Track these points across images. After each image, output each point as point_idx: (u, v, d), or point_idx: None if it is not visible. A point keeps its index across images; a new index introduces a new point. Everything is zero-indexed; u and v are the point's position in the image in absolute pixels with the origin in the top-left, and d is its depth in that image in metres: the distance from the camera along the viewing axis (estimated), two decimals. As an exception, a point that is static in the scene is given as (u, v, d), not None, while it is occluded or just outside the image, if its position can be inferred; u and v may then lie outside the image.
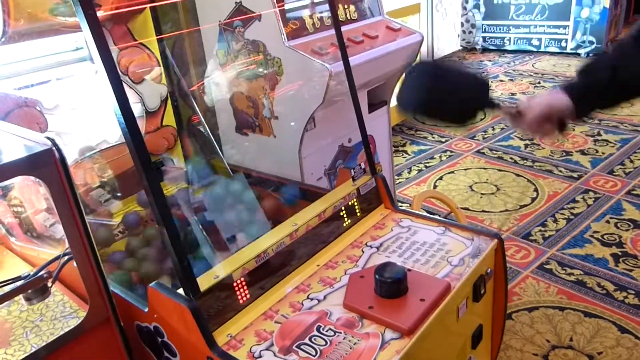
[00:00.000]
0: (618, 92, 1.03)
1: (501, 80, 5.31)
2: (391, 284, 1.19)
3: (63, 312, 1.17)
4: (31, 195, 1.37)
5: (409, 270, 1.27)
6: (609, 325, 1.99)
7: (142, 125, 2.00)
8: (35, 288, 1.07)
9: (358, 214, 1.56)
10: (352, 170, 1.60)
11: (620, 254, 2.42)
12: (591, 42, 5.66)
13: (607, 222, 2.69)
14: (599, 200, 2.91)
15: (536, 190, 3.08)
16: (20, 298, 1.10)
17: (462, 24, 6.46)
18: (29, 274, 1.07)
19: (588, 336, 1.95)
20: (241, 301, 1.22)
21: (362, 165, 1.64)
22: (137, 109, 1.96)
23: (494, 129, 4.06)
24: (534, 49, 6.12)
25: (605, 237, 2.56)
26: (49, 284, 1.09)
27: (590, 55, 5.69)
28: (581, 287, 2.22)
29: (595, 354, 1.87)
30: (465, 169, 3.43)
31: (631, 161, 3.34)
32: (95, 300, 1.09)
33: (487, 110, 1.16)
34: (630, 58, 0.99)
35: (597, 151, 3.55)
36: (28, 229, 1.41)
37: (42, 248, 1.36)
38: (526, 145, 3.71)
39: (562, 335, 1.97)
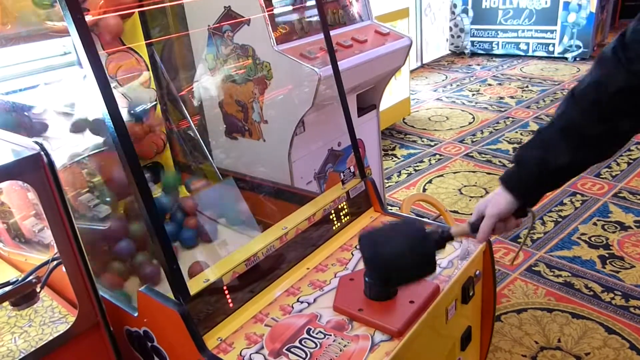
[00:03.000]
0: (553, 182, 1.01)
1: (489, 85, 5.36)
2: (381, 287, 1.19)
3: (52, 317, 1.17)
4: (19, 200, 1.36)
5: (398, 272, 1.27)
6: (596, 327, 2.02)
7: (130, 130, 1.99)
8: (23, 293, 1.06)
9: (348, 217, 1.57)
10: (341, 174, 1.61)
11: (607, 255, 2.45)
12: (578, 47, 5.74)
13: (594, 224, 2.72)
14: (586, 202, 2.95)
15: (524, 193, 3.11)
16: (8, 304, 1.09)
17: (451, 29, 6.52)
18: (17, 279, 1.06)
19: (576, 337, 1.97)
20: (231, 305, 1.22)
21: (352, 169, 1.64)
22: (125, 114, 1.96)
23: (482, 133, 4.10)
24: (522, 53, 6.19)
25: (592, 239, 2.59)
26: (38, 289, 1.08)
27: (577, 59, 5.77)
28: (569, 289, 2.24)
29: (583, 354, 1.89)
30: (454, 173, 3.46)
31: (618, 164, 3.39)
32: (85, 305, 1.09)
33: (441, 248, 1.12)
34: (554, 149, 0.96)
35: (584, 154, 3.58)
36: (16, 234, 1.40)
37: (30, 253, 1.35)
38: (515, 149, 3.75)
39: (550, 337, 1.98)
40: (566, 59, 5.87)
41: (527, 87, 5.17)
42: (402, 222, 1.18)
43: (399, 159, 3.75)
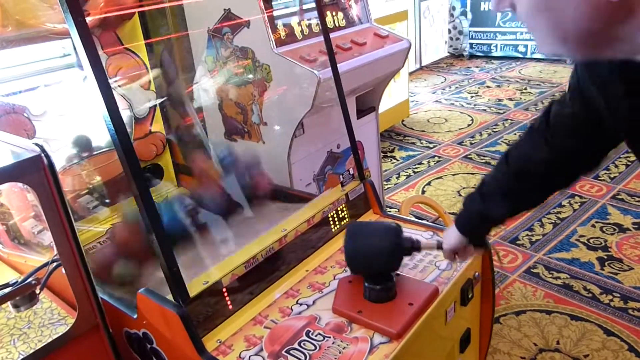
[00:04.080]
0: (495, 225, 1.18)
1: (488, 87, 5.37)
2: (380, 289, 1.20)
3: (51, 319, 1.17)
4: (19, 201, 1.36)
5: (398, 274, 1.28)
6: (595, 328, 2.02)
7: (130, 131, 1.99)
8: (23, 295, 1.06)
9: (347, 219, 1.57)
10: (340, 176, 1.62)
11: (605, 257, 2.45)
12: (576, 49, 5.75)
13: (593, 226, 2.73)
14: (585, 204, 2.95)
15: (523, 195, 3.11)
16: (7, 305, 1.09)
17: (450, 31, 6.53)
18: (17, 281, 1.06)
19: (574, 339, 1.98)
20: (230, 307, 1.22)
21: (351, 171, 1.65)
22: (125, 116, 1.96)
23: (481, 135, 4.10)
24: (521, 56, 6.20)
25: (591, 241, 2.60)
26: (37, 291, 1.08)
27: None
28: (567, 291, 2.24)
29: (581, 356, 1.89)
30: (453, 175, 3.46)
31: (616, 166, 3.40)
32: (84, 307, 1.09)
33: (410, 253, 1.27)
34: (492, 202, 1.11)
35: (582, 156, 3.59)
36: (15, 235, 1.40)
37: (29, 255, 1.35)
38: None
39: (549, 339, 1.99)
40: (564, 61, 5.88)
41: (525, 89, 5.19)
42: (383, 225, 1.30)
43: (398, 161, 3.76)
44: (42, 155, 0.98)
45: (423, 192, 3.25)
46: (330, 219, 1.52)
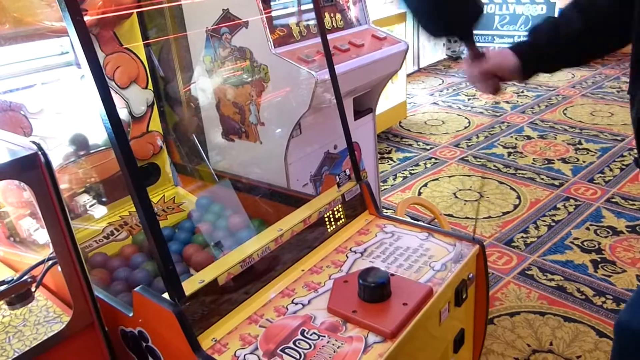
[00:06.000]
0: (557, 54, 1.12)
1: (485, 89, 5.38)
2: (374, 289, 1.20)
3: (47, 317, 1.17)
4: (15, 199, 1.36)
5: (392, 275, 1.28)
6: (587, 330, 2.03)
7: (127, 130, 2.00)
8: (18, 293, 1.07)
9: (343, 220, 1.58)
10: (337, 177, 1.62)
11: (599, 260, 2.47)
12: (573, 53, 5.77)
13: (587, 229, 2.74)
14: (580, 207, 2.97)
15: (519, 197, 3.13)
16: (2, 303, 1.09)
17: (447, 33, 6.54)
18: (12, 279, 1.07)
19: (567, 340, 1.99)
20: (226, 305, 1.22)
21: (347, 172, 1.65)
22: (123, 114, 1.96)
23: (478, 137, 4.12)
24: (518, 59, 6.22)
25: (585, 243, 2.61)
26: (33, 289, 1.09)
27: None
28: (561, 293, 2.26)
29: (574, 357, 1.91)
30: (449, 176, 3.48)
31: (610, 169, 3.42)
32: (80, 305, 1.09)
33: (463, 34, 1.19)
34: (568, 16, 1.08)
35: (577, 159, 3.62)
36: (11, 233, 1.40)
37: (25, 253, 1.35)
38: (509, 154, 3.77)
39: (542, 340, 2.00)
40: (561, 64, 5.91)
41: (522, 92, 5.21)
42: None
43: (394, 162, 3.77)
44: (39, 153, 0.98)
45: (419, 193, 3.26)
46: (326, 219, 1.53)
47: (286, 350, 1.11)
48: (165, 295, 1.14)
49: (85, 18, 1.02)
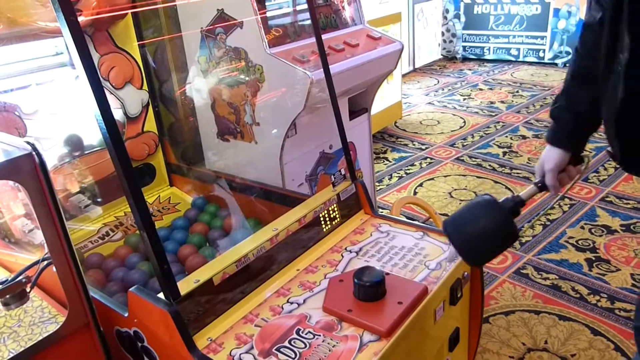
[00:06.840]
0: (591, 124, 1.13)
1: (480, 89, 5.40)
2: (369, 288, 1.21)
3: (42, 317, 1.17)
4: (9, 200, 1.36)
5: (387, 274, 1.29)
6: (582, 328, 2.04)
7: (122, 130, 1.99)
8: (13, 293, 1.06)
9: (338, 219, 1.58)
10: (332, 176, 1.63)
11: (594, 259, 2.48)
12: (568, 53, 5.80)
13: (582, 228, 2.76)
14: (574, 206, 2.98)
15: (514, 196, 3.14)
16: (-3, 303, 1.09)
17: (443, 33, 6.57)
18: (7, 279, 1.06)
19: (562, 339, 2.00)
20: (221, 305, 1.22)
21: (343, 172, 1.66)
22: (118, 115, 1.96)
23: (473, 137, 4.13)
24: (513, 59, 6.25)
25: (579, 242, 2.63)
26: (28, 289, 1.08)
27: (567, 65, 5.83)
28: (556, 291, 2.27)
29: (569, 356, 1.92)
30: (445, 176, 3.49)
31: (605, 169, 3.43)
32: (75, 306, 1.09)
33: (519, 212, 1.17)
34: (574, 96, 1.12)
35: (572, 159, 3.62)
36: (6, 234, 1.39)
37: (20, 254, 1.35)
38: (504, 153, 3.79)
39: (537, 338, 2.01)
40: (556, 64, 5.93)
41: (517, 92, 5.22)
42: (475, 203, 1.20)
43: (390, 162, 3.77)
44: (34, 153, 0.98)
45: (415, 193, 3.27)
46: (322, 218, 1.53)
47: (281, 350, 1.11)
48: (161, 295, 1.14)
49: (80, 18, 1.02)
